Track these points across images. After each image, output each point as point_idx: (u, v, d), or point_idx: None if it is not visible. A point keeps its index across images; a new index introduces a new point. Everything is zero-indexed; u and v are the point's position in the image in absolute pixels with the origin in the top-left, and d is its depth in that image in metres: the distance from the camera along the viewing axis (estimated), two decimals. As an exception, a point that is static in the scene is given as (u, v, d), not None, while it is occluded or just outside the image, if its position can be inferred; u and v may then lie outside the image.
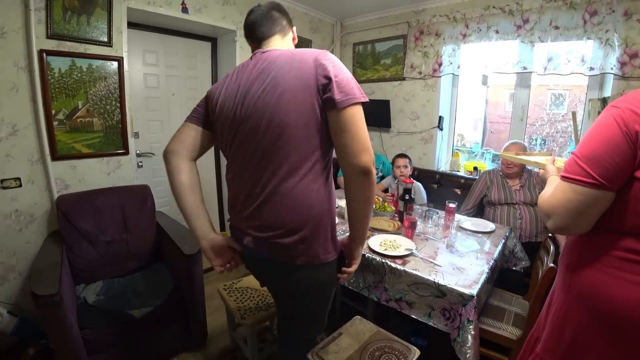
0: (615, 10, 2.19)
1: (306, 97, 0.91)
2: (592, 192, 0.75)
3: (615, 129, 0.72)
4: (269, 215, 0.99)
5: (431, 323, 1.45)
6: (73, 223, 1.88)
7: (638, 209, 0.72)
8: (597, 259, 0.81)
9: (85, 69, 2.06)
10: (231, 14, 2.75)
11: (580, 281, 0.84)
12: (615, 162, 0.72)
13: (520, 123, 2.88)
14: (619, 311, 0.76)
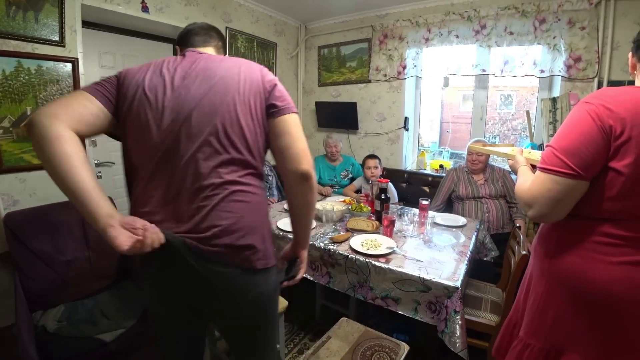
0: (560, 19, 2.42)
1: (255, 101, 0.93)
2: (570, 181, 0.80)
3: (590, 123, 0.78)
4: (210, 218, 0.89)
5: (418, 317, 1.48)
6: (25, 243, 1.69)
7: (612, 195, 0.79)
8: (576, 245, 0.87)
9: (34, 70, 1.89)
10: (194, 14, 2.65)
11: (561, 267, 0.90)
12: (590, 154, 0.78)
13: (480, 122, 3.06)
14: (600, 291, 0.82)
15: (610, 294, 0.81)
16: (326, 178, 3.10)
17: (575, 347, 0.89)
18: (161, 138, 0.89)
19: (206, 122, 0.89)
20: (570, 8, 2.40)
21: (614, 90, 0.81)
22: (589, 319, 0.86)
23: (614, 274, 0.80)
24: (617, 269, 0.80)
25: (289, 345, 2.01)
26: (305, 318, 2.26)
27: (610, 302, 0.82)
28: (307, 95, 3.97)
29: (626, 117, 0.75)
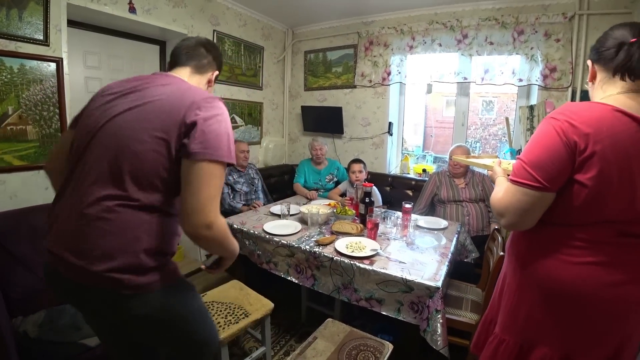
0: (537, 31, 2.54)
1: (170, 134, 0.86)
2: (537, 193, 0.86)
3: (555, 139, 0.84)
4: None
5: (401, 317, 1.53)
6: (5, 246, 1.64)
7: (577, 205, 0.85)
8: (545, 248, 0.94)
9: (17, 69, 1.85)
10: (182, 16, 2.65)
11: (531, 268, 0.96)
12: (556, 167, 0.84)
13: (462, 128, 3.16)
14: (567, 289, 0.89)
15: (575, 292, 0.88)
16: (311, 181, 3.13)
17: (545, 342, 0.95)
18: (75, 147, 0.94)
19: (105, 143, 0.89)
20: (546, 21, 2.53)
21: (577, 106, 0.86)
22: (557, 315, 0.92)
23: (578, 273, 0.87)
24: (581, 268, 0.87)
25: (275, 348, 2.02)
26: (291, 320, 2.28)
27: (576, 299, 0.88)
28: (293, 99, 4.01)
29: (589, 133, 0.80)
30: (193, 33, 2.75)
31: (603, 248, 0.85)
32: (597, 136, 0.79)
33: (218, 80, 2.99)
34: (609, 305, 0.86)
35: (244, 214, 2.37)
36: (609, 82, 0.90)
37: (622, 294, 0.84)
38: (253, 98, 3.51)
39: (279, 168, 3.68)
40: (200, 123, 0.86)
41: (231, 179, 2.79)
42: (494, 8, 2.74)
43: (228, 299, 1.78)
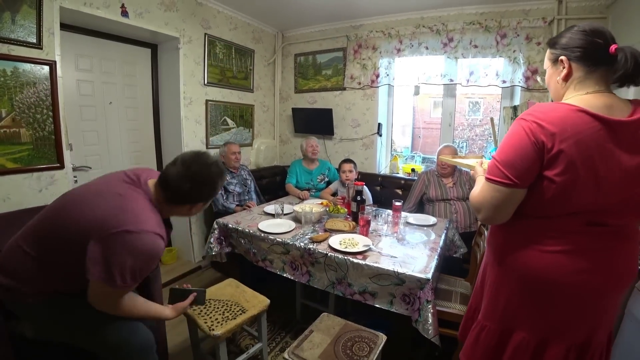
0: (519, 35, 2.66)
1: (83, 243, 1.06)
2: (508, 190, 0.93)
3: (524, 139, 0.89)
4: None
5: (393, 309, 1.59)
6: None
7: (547, 198, 0.91)
8: (520, 239, 1.00)
9: (10, 72, 1.86)
10: (174, 20, 2.68)
11: (508, 257, 1.03)
12: (525, 165, 0.90)
13: (449, 128, 3.25)
14: (539, 276, 0.95)
15: (546, 279, 0.95)
16: (303, 182, 3.18)
17: (523, 327, 1.01)
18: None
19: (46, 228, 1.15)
20: (527, 25, 2.64)
21: (545, 107, 0.91)
22: (532, 301, 0.99)
23: (549, 261, 0.94)
24: (551, 257, 0.94)
25: (271, 345, 2.06)
26: (286, 318, 2.32)
27: (547, 285, 0.95)
28: (284, 101, 4.05)
29: (555, 132, 0.86)
30: (185, 36, 2.78)
31: (572, 237, 0.92)
32: (562, 135, 0.85)
33: (210, 82, 3.05)
34: (575, 291, 0.93)
35: (238, 214, 2.40)
36: (582, 82, 0.93)
37: (586, 280, 0.91)
38: (244, 100, 3.55)
39: (270, 169, 3.72)
40: (91, 244, 1.06)
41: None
42: (478, 13, 2.85)
43: (225, 297, 1.81)
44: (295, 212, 2.26)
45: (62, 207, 1.16)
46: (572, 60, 0.93)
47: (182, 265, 3.08)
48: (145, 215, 1.14)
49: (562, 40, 0.96)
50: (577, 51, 0.92)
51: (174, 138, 2.94)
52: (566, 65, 0.95)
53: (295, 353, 1.40)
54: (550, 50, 1.01)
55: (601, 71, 0.90)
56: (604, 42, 0.89)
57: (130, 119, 2.82)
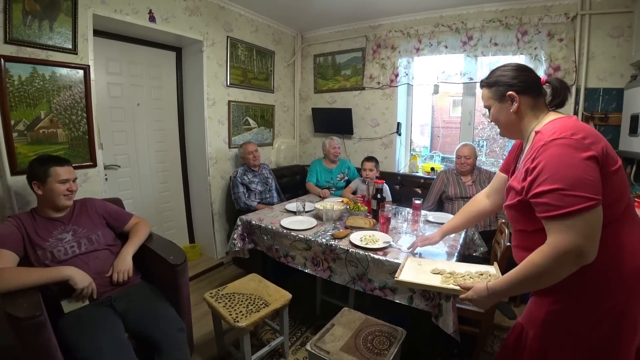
0: (540, 32, 2.62)
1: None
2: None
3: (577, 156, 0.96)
4: None
5: (413, 305, 1.61)
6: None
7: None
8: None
9: (48, 77, 1.98)
10: (198, 24, 2.78)
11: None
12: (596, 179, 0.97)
13: (468, 127, 3.23)
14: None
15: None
16: (323, 180, 3.23)
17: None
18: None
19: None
20: (549, 21, 2.60)
21: (567, 124, 0.94)
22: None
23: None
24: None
25: (292, 339, 2.11)
26: (306, 313, 2.37)
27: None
28: (304, 101, 4.11)
29: (593, 140, 0.91)
30: (208, 39, 2.88)
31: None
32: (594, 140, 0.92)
33: (232, 84, 3.13)
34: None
35: (260, 212, 2.47)
36: (534, 108, 1.04)
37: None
38: (265, 101, 3.63)
39: (290, 168, 3.78)
40: None
41: (246, 179, 2.89)
42: (498, 10, 2.82)
43: (248, 291, 1.87)
44: (316, 210, 2.30)
45: None
46: (519, 94, 1.03)
47: (205, 262, 3.17)
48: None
49: (501, 79, 1.07)
50: (520, 85, 1.03)
51: (198, 138, 3.04)
52: (516, 98, 1.04)
53: (318, 345, 1.45)
54: (490, 89, 1.11)
55: (541, 99, 1.05)
56: (534, 75, 1.05)
57: (156, 120, 2.94)
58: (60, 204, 1.59)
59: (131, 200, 2.78)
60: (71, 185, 1.61)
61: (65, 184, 1.59)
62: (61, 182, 1.57)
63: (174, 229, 3.21)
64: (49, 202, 1.58)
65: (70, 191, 1.61)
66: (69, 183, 1.60)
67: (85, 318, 1.43)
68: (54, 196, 1.56)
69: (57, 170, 1.57)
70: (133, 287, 1.68)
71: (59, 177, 1.56)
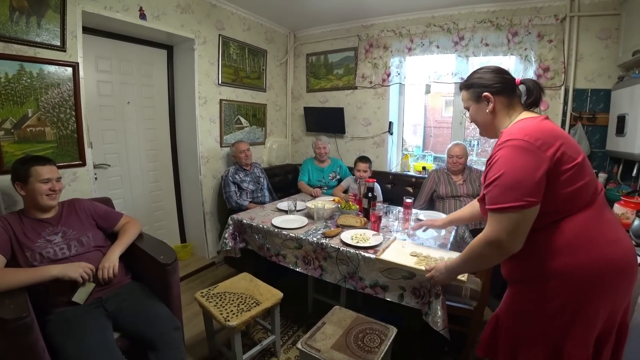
0: (530, 33, 2.66)
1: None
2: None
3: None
4: None
5: (404, 302, 1.62)
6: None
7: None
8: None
9: (36, 74, 1.95)
10: (189, 22, 2.75)
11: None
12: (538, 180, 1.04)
13: (460, 127, 3.26)
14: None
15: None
16: (315, 179, 3.23)
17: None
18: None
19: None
20: (539, 23, 2.64)
21: (523, 126, 1.04)
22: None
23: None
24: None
25: (284, 338, 2.11)
26: (297, 312, 2.37)
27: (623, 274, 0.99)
28: (296, 100, 4.11)
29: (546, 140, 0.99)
30: (200, 38, 2.86)
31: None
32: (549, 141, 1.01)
33: (224, 82, 3.11)
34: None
35: (252, 211, 2.46)
36: (509, 107, 1.11)
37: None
38: (257, 100, 3.61)
39: (282, 167, 3.78)
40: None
41: (238, 178, 2.88)
42: (489, 11, 2.85)
43: (239, 290, 1.87)
44: (307, 209, 2.30)
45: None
46: (495, 94, 1.10)
47: (196, 261, 3.16)
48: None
49: (478, 81, 1.14)
50: (496, 86, 1.10)
51: (189, 137, 3.02)
52: (491, 98, 1.11)
53: (309, 343, 1.45)
54: (468, 91, 1.18)
55: (516, 99, 1.11)
56: (510, 77, 1.11)
57: (147, 119, 2.91)
58: (43, 204, 1.56)
59: (121, 199, 2.75)
60: (54, 185, 1.58)
61: (48, 184, 1.55)
62: (43, 182, 1.54)
63: (165, 229, 3.18)
64: (32, 202, 1.56)
65: (52, 191, 1.57)
66: (52, 182, 1.57)
67: (73, 320, 1.42)
68: (36, 196, 1.53)
69: (37, 169, 1.54)
70: (123, 287, 1.66)
71: (40, 177, 1.53)
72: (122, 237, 1.75)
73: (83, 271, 1.46)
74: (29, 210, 1.58)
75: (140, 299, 1.62)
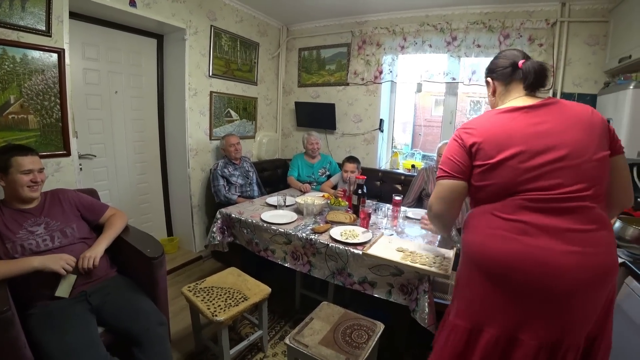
0: (522, 36, 2.70)
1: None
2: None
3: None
4: None
5: (392, 299, 1.64)
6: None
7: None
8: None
9: (19, 59, 1.88)
10: (181, 11, 2.70)
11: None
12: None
13: (450, 126, 3.29)
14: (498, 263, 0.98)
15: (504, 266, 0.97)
16: (304, 175, 3.22)
17: (492, 322, 0.99)
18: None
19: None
20: (530, 26, 2.68)
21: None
22: (499, 294, 0.99)
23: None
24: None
25: (271, 333, 2.11)
26: (285, 308, 2.37)
27: (506, 273, 0.97)
28: (287, 95, 4.08)
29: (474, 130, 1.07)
30: (191, 28, 2.80)
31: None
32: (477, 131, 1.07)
33: (215, 74, 3.06)
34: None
35: (240, 205, 2.44)
36: (504, 94, 1.15)
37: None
38: (248, 93, 3.57)
39: (272, 162, 3.75)
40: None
41: (227, 172, 2.85)
42: (482, 12, 2.88)
43: (227, 285, 1.86)
44: (297, 204, 2.30)
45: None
46: (494, 80, 1.18)
47: (183, 255, 3.12)
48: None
49: (489, 66, 1.21)
50: (496, 72, 1.17)
51: (178, 129, 2.97)
52: (491, 84, 1.20)
53: (296, 339, 1.45)
54: (485, 76, 1.25)
55: (515, 83, 1.12)
56: (506, 62, 1.13)
57: (134, 109, 2.85)
58: (24, 196, 1.51)
59: (107, 191, 2.69)
60: (36, 176, 1.53)
61: (29, 175, 1.50)
62: (24, 173, 1.48)
63: (151, 222, 3.13)
64: (13, 193, 1.50)
65: (34, 182, 1.52)
66: (34, 174, 1.52)
67: (56, 314, 1.38)
68: (16, 188, 1.48)
69: (18, 160, 1.48)
70: (108, 281, 1.63)
71: (22, 168, 1.48)
72: (109, 230, 1.72)
73: (65, 263, 1.42)
74: (10, 201, 1.53)
75: (125, 293, 1.59)
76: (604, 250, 0.94)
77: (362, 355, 1.37)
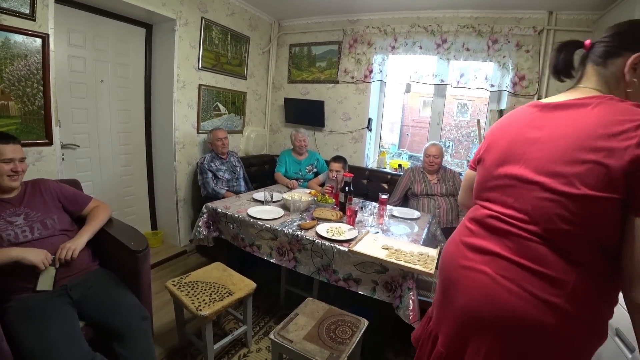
0: (510, 41, 2.76)
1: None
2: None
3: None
4: None
5: (376, 296, 1.66)
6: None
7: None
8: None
9: (1, 43, 1.81)
10: (172, 1, 2.65)
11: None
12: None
13: (437, 127, 3.34)
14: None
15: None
16: (292, 171, 3.22)
17: (439, 328, 0.96)
18: None
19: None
20: (518, 33, 2.74)
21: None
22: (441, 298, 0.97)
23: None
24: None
25: (255, 329, 2.12)
26: (270, 303, 2.38)
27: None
28: (276, 90, 4.06)
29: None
30: (181, 19, 2.76)
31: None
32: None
33: (204, 67, 3.02)
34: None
35: (227, 199, 2.43)
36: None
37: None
38: (237, 87, 3.54)
39: (259, 157, 3.74)
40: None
41: (214, 166, 2.83)
42: (472, 17, 2.93)
43: (212, 279, 1.85)
44: (284, 200, 2.30)
45: None
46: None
47: (167, 249, 3.08)
48: None
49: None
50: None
51: (165, 121, 2.93)
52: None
53: (281, 334, 1.46)
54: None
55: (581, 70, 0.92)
56: (555, 55, 0.95)
57: (121, 99, 2.79)
58: (3, 185, 1.47)
59: (90, 182, 2.64)
60: (17, 166, 1.49)
61: (10, 164, 1.46)
62: (4, 162, 1.44)
63: (135, 215, 3.08)
64: None
65: (15, 172, 1.48)
66: (14, 163, 1.48)
67: (36, 307, 1.35)
68: None
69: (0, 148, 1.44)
70: (90, 274, 1.60)
71: (2, 156, 1.44)
72: (91, 222, 1.68)
73: (45, 257, 1.39)
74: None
75: (107, 286, 1.56)
76: (525, 293, 0.74)
77: (345, 351, 1.39)
